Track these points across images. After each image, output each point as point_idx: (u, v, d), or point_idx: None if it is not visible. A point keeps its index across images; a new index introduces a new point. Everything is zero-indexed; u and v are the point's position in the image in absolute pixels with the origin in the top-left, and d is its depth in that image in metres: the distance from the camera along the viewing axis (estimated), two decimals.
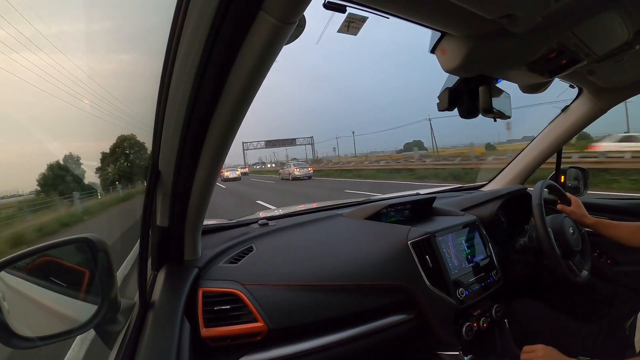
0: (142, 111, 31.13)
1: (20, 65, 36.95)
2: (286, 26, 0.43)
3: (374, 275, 0.87)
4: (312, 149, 44.61)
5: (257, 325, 0.73)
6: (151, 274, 0.75)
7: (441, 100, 0.85)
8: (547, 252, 0.97)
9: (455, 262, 0.96)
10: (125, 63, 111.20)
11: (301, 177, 16.50)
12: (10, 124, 57.60)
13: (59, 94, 37.17)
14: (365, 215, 1.09)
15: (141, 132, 30.18)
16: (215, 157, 0.60)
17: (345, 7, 0.58)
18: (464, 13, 0.53)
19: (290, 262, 0.87)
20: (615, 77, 1.06)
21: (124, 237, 5.46)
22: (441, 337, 0.92)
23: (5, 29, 25.57)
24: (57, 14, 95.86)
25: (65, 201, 14.30)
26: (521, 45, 0.67)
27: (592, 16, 0.62)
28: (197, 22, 0.43)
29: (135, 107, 33.71)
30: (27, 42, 36.02)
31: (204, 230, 0.93)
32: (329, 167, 25.78)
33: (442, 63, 0.71)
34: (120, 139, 30.40)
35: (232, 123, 0.55)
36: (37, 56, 40.24)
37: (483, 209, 1.24)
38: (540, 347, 0.81)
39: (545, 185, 1.09)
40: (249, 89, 0.50)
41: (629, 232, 0.97)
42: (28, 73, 35.78)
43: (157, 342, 0.55)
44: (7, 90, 55.68)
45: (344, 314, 0.82)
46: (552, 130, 1.39)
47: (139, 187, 19.72)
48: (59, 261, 0.60)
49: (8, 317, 0.50)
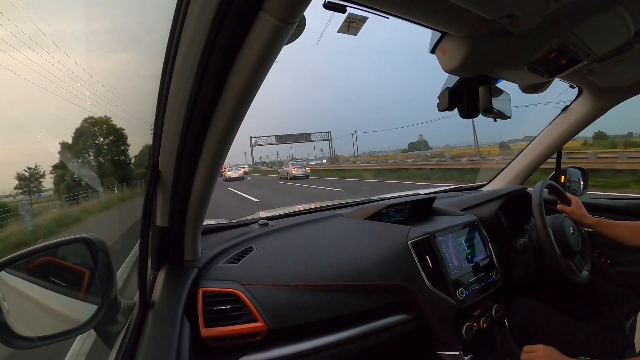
0: (142, 111, 30.96)
1: (20, 63, 36.75)
2: (286, 26, 0.43)
3: (374, 275, 0.87)
4: (330, 145, 40.90)
5: (257, 325, 0.73)
6: (151, 274, 0.75)
7: (441, 100, 0.85)
8: (547, 252, 0.97)
9: (455, 262, 0.96)
10: (125, 63, 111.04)
11: (299, 177, 17.71)
12: (9, 122, 57.61)
13: (59, 92, 37.01)
14: (365, 215, 1.09)
15: (141, 131, 29.01)
16: (215, 157, 0.60)
17: (345, 7, 0.58)
18: (464, 13, 0.53)
19: (291, 262, 0.87)
20: (615, 77, 1.06)
21: (124, 237, 5.43)
22: (441, 337, 0.92)
23: (5, 26, 25.32)
24: (56, 13, 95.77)
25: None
26: (521, 45, 0.67)
27: (592, 16, 0.62)
28: (197, 22, 0.43)
29: (135, 107, 33.64)
30: (27, 40, 35.90)
31: (204, 230, 0.93)
32: (353, 166, 22.74)
33: (442, 63, 0.71)
34: (88, 123, 21.70)
35: (232, 123, 0.55)
36: (36, 54, 40.25)
37: (483, 209, 1.25)
38: (540, 347, 0.81)
39: (545, 185, 1.09)
40: (249, 89, 0.50)
41: (629, 232, 0.97)
42: (26, 70, 35.44)
43: (157, 342, 0.55)
44: (7, 89, 55.66)
45: (344, 314, 0.82)
46: (552, 130, 1.39)
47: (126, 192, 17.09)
48: (59, 261, 0.60)
49: (8, 317, 0.50)
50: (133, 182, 20.21)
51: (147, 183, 0.62)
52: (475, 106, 0.83)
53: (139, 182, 18.31)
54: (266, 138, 40.18)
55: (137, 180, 20.35)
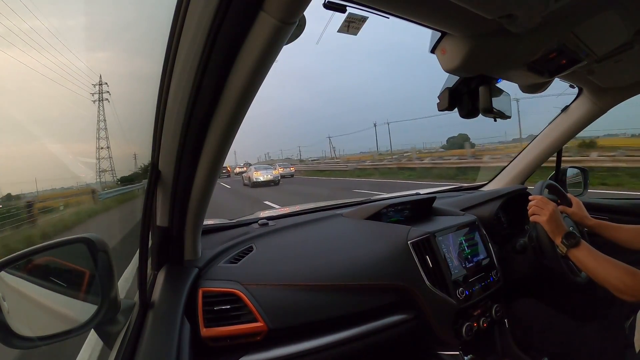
0: (142, 111, 30.84)
1: (18, 61, 36.67)
2: (286, 26, 0.43)
3: (374, 275, 0.87)
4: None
5: (257, 325, 0.73)
6: (151, 274, 0.75)
7: (441, 100, 0.85)
8: (547, 252, 0.97)
9: (455, 262, 0.96)
10: (125, 63, 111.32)
11: (285, 175, 18.15)
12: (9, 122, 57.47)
13: (58, 91, 36.93)
14: (365, 215, 1.09)
15: (141, 131, 29.03)
16: (216, 157, 0.60)
17: (345, 7, 0.58)
18: (464, 13, 0.53)
19: (291, 262, 0.87)
20: (615, 77, 1.06)
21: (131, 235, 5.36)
22: (441, 337, 0.92)
23: (3, 23, 25.23)
24: (56, 12, 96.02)
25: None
26: (521, 45, 0.67)
27: (592, 16, 0.63)
28: (198, 22, 0.43)
29: (135, 107, 33.58)
30: (26, 38, 35.81)
31: (204, 230, 0.93)
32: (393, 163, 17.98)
33: (442, 63, 0.71)
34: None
35: (232, 123, 0.55)
36: (37, 53, 40.23)
37: (483, 209, 1.25)
38: (551, 206, 0.90)
39: (546, 185, 1.09)
40: (249, 89, 0.50)
41: (630, 235, 0.97)
42: (23, 68, 35.36)
43: (157, 342, 0.55)
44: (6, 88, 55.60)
45: (344, 314, 0.81)
46: (552, 130, 1.40)
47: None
48: (59, 261, 0.60)
49: (8, 317, 0.50)
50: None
51: (147, 183, 0.62)
52: (476, 106, 0.83)
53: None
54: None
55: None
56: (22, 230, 8.09)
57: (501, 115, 0.86)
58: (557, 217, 0.91)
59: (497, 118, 0.87)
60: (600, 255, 0.81)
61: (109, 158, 30.95)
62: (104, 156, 30.66)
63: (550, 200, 0.95)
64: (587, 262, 0.81)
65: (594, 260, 0.80)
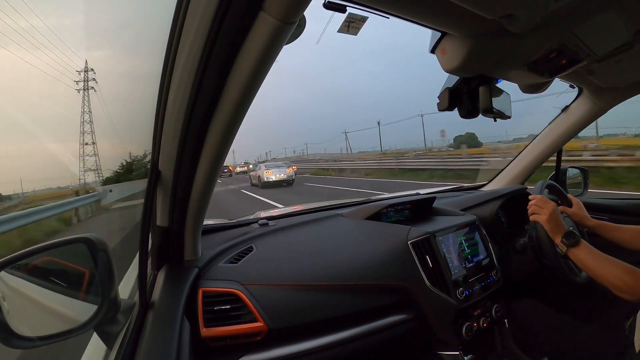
0: (142, 111, 30.70)
1: (18, 59, 36.60)
2: (286, 26, 0.43)
3: (374, 275, 0.87)
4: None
5: (257, 325, 0.73)
6: (151, 274, 0.75)
7: (441, 100, 0.85)
8: (547, 251, 0.97)
9: (455, 262, 0.96)
10: (125, 62, 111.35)
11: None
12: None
13: (58, 91, 36.87)
14: (365, 215, 1.09)
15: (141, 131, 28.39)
16: (216, 157, 0.60)
17: (345, 7, 0.58)
18: (464, 13, 0.53)
19: (291, 262, 0.87)
20: (615, 77, 1.06)
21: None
22: (441, 337, 0.92)
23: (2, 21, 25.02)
24: (56, 11, 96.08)
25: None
26: (521, 45, 0.67)
27: (592, 16, 0.63)
28: (198, 22, 0.43)
29: (135, 107, 33.59)
30: (26, 35, 35.75)
31: (204, 230, 0.93)
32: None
33: (442, 63, 0.71)
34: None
35: (232, 123, 0.55)
36: (37, 51, 40.22)
37: (483, 209, 1.25)
38: (551, 205, 0.91)
39: (546, 185, 1.09)
40: (249, 89, 0.50)
41: (631, 236, 0.97)
42: (25, 70, 35.38)
43: (157, 342, 0.55)
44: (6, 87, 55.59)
45: (344, 314, 0.81)
46: (552, 130, 1.40)
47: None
48: (59, 261, 0.60)
49: (8, 317, 0.50)
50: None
51: (147, 183, 0.62)
52: (476, 106, 0.83)
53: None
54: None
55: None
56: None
57: (501, 115, 0.86)
58: (557, 216, 0.91)
59: (497, 118, 0.87)
60: (600, 254, 0.81)
61: (95, 155, 29.00)
62: (88, 153, 28.61)
63: (550, 200, 0.95)
64: (587, 261, 0.81)
65: (594, 259, 0.80)
